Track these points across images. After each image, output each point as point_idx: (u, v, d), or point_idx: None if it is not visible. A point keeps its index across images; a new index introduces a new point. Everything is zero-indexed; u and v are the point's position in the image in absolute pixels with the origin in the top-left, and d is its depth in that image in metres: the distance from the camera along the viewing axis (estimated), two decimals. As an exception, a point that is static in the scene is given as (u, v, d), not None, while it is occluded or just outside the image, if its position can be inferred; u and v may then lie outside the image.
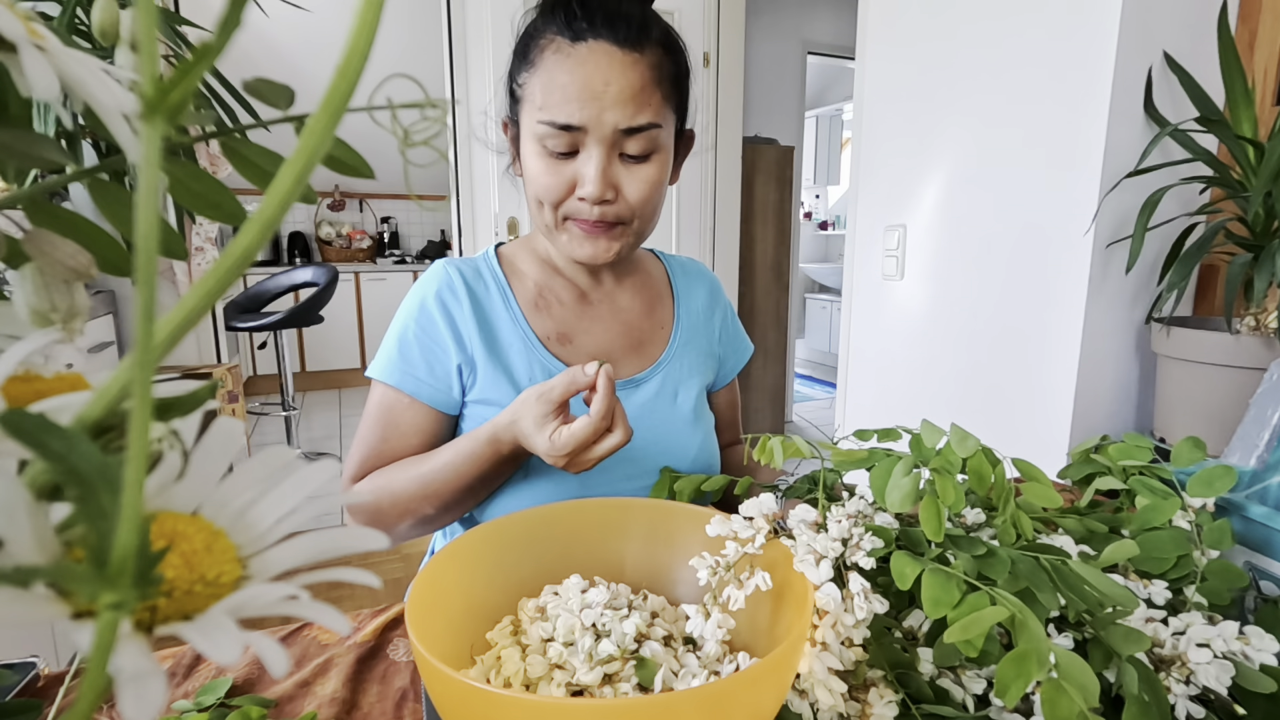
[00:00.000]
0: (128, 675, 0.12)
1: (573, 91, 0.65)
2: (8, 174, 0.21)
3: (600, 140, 0.66)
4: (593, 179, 0.67)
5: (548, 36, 0.67)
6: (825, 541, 0.43)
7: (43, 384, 0.19)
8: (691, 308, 0.88)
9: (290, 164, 0.13)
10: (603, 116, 0.65)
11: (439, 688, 0.35)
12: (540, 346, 0.76)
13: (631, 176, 0.69)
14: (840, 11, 3.60)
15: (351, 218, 4.87)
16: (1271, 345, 1.03)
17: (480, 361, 0.74)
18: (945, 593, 0.38)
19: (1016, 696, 0.33)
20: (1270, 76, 1.27)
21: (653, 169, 0.70)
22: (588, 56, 0.65)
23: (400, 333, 0.74)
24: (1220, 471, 0.52)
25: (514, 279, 0.79)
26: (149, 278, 0.13)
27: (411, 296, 0.77)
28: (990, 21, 1.34)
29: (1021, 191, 1.32)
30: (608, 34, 0.65)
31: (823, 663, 0.40)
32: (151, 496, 0.18)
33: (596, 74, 0.65)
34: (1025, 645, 0.34)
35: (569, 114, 0.65)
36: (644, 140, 0.68)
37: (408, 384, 0.73)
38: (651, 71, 0.67)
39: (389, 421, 0.73)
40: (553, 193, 0.69)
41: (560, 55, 0.66)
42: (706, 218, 2.71)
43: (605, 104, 0.65)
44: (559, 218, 0.71)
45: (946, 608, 0.37)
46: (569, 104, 0.65)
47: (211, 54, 0.14)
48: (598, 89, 0.65)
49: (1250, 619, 0.51)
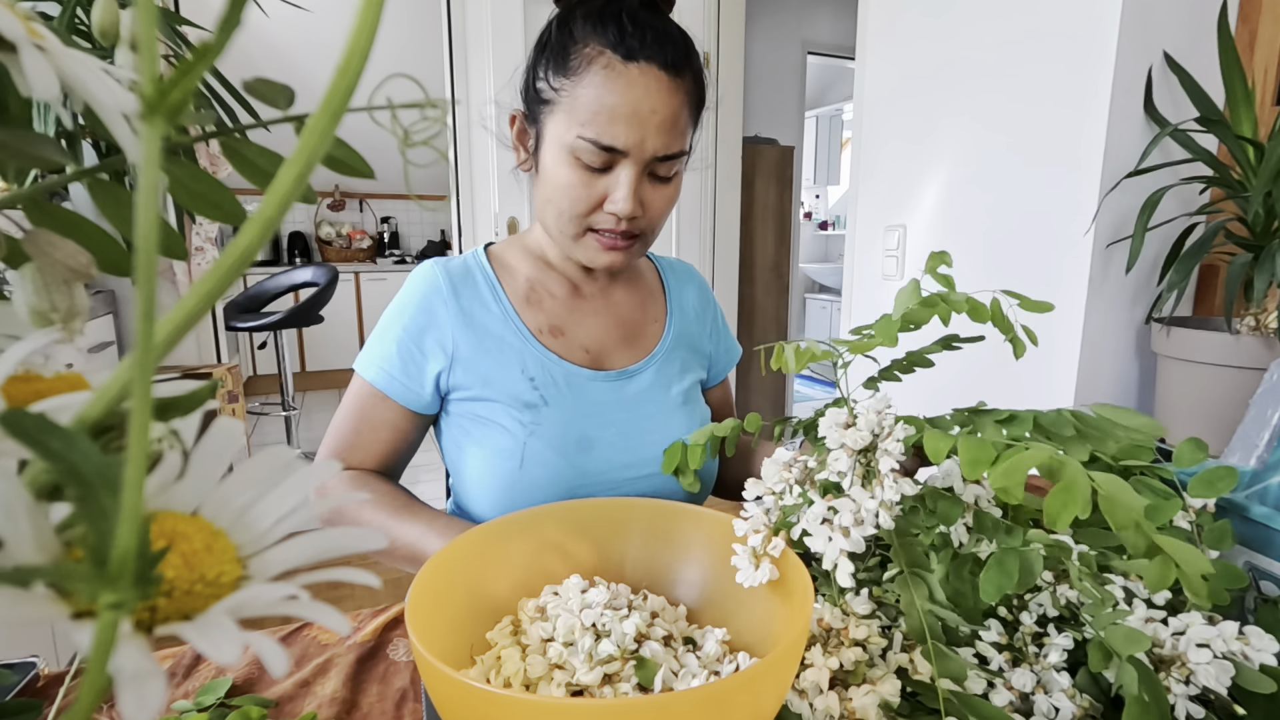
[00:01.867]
0: (128, 675, 0.12)
1: (621, 114, 0.65)
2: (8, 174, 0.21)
3: (637, 162, 0.67)
4: (626, 198, 0.67)
5: (595, 47, 0.66)
6: (855, 435, 0.44)
7: (43, 384, 0.19)
8: (683, 305, 0.89)
9: (290, 164, 0.13)
10: (645, 143, 0.66)
11: (439, 688, 0.35)
12: (533, 339, 0.77)
13: (655, 196, 0.71)
14: (840, 11, 3.60)
15: (351, 218, 4.87)
16: (1271, 345, 1.03)
17: (467, 358, 0.75)
18: (982, 452, 0.38)
19: (1066, 522, 0.34)
20: (1270, 76, 1.27)
21: (673, 189, 0.72)
22: (638, 79, 0.65)
23: (383, 331, 0.76)
24: (1222, 472, 0.52)
25: (504, 275, 0.80)
26: (149, 278, 0.13)
27: (399, 297, 0.78)
28: (990, 22, 1.34)
29: (1021, 191, 1.32)
30: (658, 56, 0.65)
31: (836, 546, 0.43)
32: (151, 496, 0.18)
33: (645, 99, 0.65)
34: (1067, 479, 0.35)
35: (614, 136, 0.65)
36: (672, 165, 0.70)
37: (382, 381, 0.74)
38: (687, 99, 0.69)
39: (362, 414, 0.75)
40: (581, 205, 0.69)
41: (610, 73, 0.65)
42: (706, 218, 2.71)
43: (649, 130, 0.66)
44: (581, 228, 0.72)
45: (985, 465, 0.38)
46: (615, 126, 0.65)
47: (211, 54, 0.14)
48: (644, 115, 0.65)
49: (1250, 619, 0.51)
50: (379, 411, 0.75)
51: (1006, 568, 0.40)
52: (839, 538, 0.43)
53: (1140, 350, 1.32)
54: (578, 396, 0.77)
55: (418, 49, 3.03)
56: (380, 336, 0.76)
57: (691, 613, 0.52)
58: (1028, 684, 0.42)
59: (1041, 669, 0.43)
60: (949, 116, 1.44)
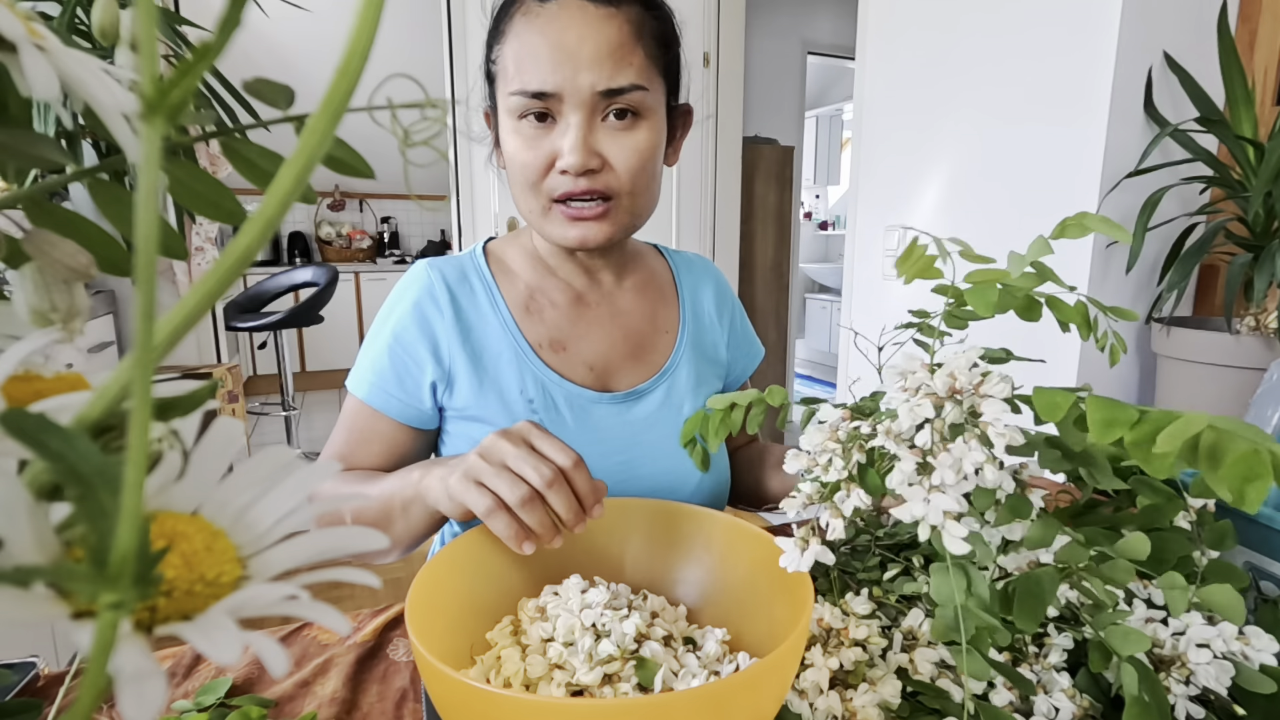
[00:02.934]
0: (128, 675, 0.12)
1: (544, 53, 0.60)
2: (8, 174, 0.21)
3: (579, 105, 0.61)
4: (572, 147, 0.61)
5: (518, 2, 0.63)
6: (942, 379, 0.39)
7: (43, 384, 0.19)
8: (698, 309, 0.82)
9: (290, 164, 0.13)
10: (578, 78, 0.60)
11: (439, 688, 0.35)
12: (532, 355, 0.71)
13: (617, 144, 0.63)
14: (840, 11, 3.60)
15: (351, 218, 4.86)
16: (1271, 345, 1.03)
17: (462, 374, 0.69)
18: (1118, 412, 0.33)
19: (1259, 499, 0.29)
20: (1270, 76, 1.27)
21: (641, 135, 0.63)
22: (557, 14, 0.60)
23: (373, 344, 0.71)
24: (1222, 472, 0.51)
25: (503, 280, 0.74)
26: (149, 278, 0.13)
27: (390, 304, 0.72)
28: (990, 23, 1.34)
29: (1021, 191, 1.32)
30: None
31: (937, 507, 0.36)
32: (151, 496, 0.18)
33: (569, 30, 0.59)
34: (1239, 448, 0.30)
35: (541, 79, 0.60)
36: (628, 103, 0.62)
37: (376, 398, 0.69)
38: (630, 27, 0.61)
39: (356, 431, 0.70)
40: (531, 170, 0.63)
41: (528, 17, 0.61)
42: (706, 218, 2.70)
43: (580, 64, 0.59)
44: (546, 200, 0.65)
45: (1124, 427, 0.33)
46: (540, 68, 0.60)
47: (211, 54, 0.14)
48: (571, 47, 0.59)
49: (1250, 619, 0.51)
50: (374, 429, 0.70)
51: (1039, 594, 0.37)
52: (938, 498, 0.37)
53: (1140, 350, 1.32)
54: (579, 421, 0.71)
55: (418, 49, 3.03)
56: (371, 348, 0.71)
57: (691, 613, 0.52)
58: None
59: (1041, 669, 0.43)
60: (949, 117, 1.44)
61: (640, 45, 0.62)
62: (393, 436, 0.71)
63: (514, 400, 0.70)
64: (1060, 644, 0.44)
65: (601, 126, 0.63)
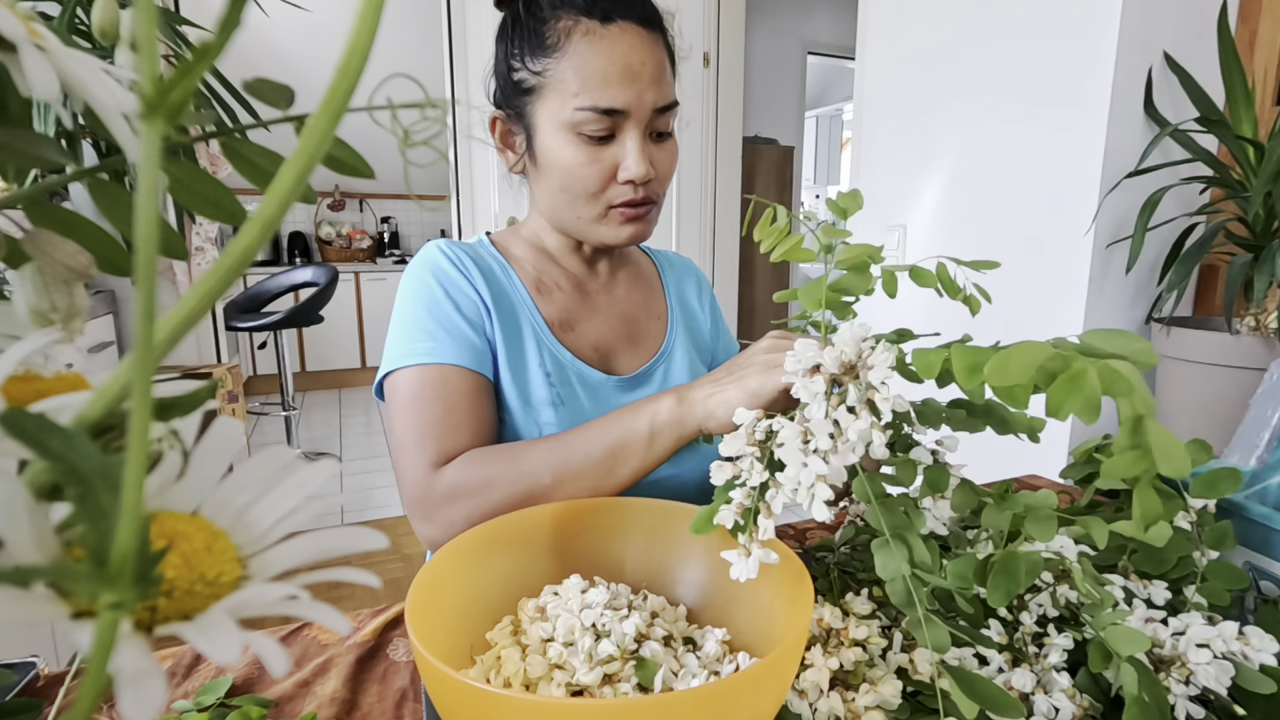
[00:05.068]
0: (128, 675, 0.12)
1: (614, 74, 0.64)
2: (8, 174, 0.21)
3: (639, 122, 0.66)
4: (638, 160, 0.66)
5: (569, 18, 0.65)
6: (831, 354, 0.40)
7: (43, 384, 0.19)
8: (684, 298, 0.88)
9: (290, 164, 0.13)
10: (644, 97, 0.65)
11: (439, 688, 0.35)
12: (548, 332, 0.73)
13: (661, 155, 0.70)
14: (840, 11, 3.60)
15: (351, 218, 4.86)
16: (1271, 345, 1.03)
17: (499, 340, 0.70)
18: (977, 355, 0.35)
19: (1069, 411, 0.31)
20: (1270, 76, 1.27)
21: (673, 144, 0.72)
22: (620, 37, 0.65)
23: (409, 316, 0.68)
24: (1225, 473, 0.51)
25: (513, 263, 0.76)
26: (149, 278, 0.13)
27: (413, 279, 0.71)
28: (991, 22, 1.34)
29: (1021, 191, 1.32)
30: (633, 12, 0.66)
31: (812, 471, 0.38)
32: (151, 496, 0.18)
33: (633, 54, 0.65)
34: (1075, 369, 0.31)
35: (613, 97, 0.64)
36: (670, 118, 0.69)
37: (448, 353, 0.66)
38: (664, 49, 0.69)
39: (439, 396, 0.65)
40: (593, 182, 0.67)
41: (593, 38, 0.65)
42: (706, 218, 2.70)
43: (644, 84, 0.65)
44: (602, 207, 0.69)
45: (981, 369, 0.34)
46: (611, 87, 0.64)
47: (211, 54, 0.14)
48: (636, 69, 0.65)
49: (1250, 619, 0.51)
50: (457, 385, 0.65)
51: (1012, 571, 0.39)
52: (815, 461, 0.38)
53: (1140, 350, 1.32)
54: (592, 400, 0.73)
55: (418, 49, 3.03)
56: (408, 321, 0.68)
57: (691, 613, 0.52)
58: (1028, 684, 0.42)
59: (1041, 669, 0.43)
60: (949, 117, 1.44)
61: (670, 64, 0.70)
62: (480, 388, 0.67)
63: (534, 373, 0.71)
64: (1060, 644, 0.44)
65: (649, 140, 0.69)
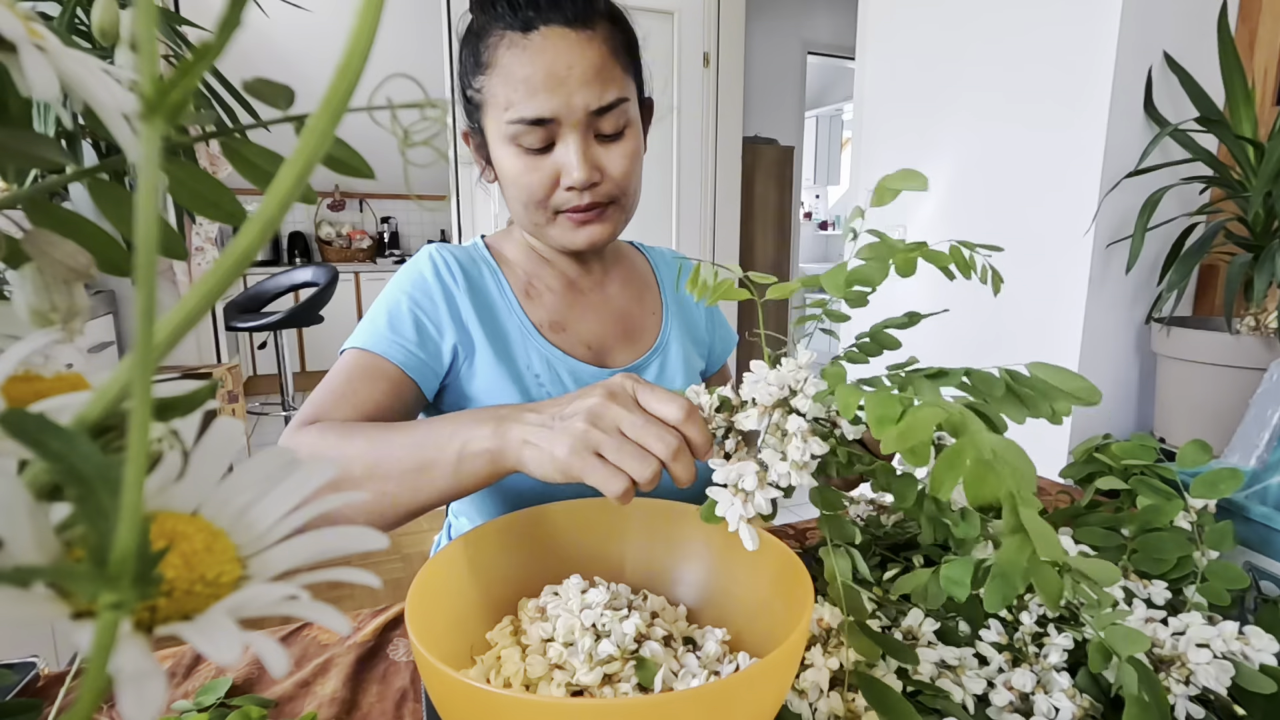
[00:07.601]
0: (128, 675, 0.12)
1: (537, 82, 0.64)
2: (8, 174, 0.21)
3: (574, 126, 0.65)
4: (576, 165, 0.65)
5: (496, 33, 0.66)
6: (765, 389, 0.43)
7: (43, 384, 0.19)
8: (679, 295, 0.88)
9: (290, 164, 0.13)
10: (572, 101, 0.64)
11: (439, 688, 0.35)
12: (536, 334, 0.75)
13: (610, 154, 0.68)
14: (840, 11, 3.60)
15: (351, 218, 4.86)
16: (1271, 345, 1.03)
17: (482, 346, 0.71)
18: (888, 408, 0.35)
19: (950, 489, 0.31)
20: (1270, 76, 1.27)
21: (629, 143, 0.69)
22: (542, 44, 0.64)
23: (384, 307, 0.69)
24: (1226, 474, 0.51)
25: (504, 267, 0.78)
26: (149, 278, 0.13)
27: (401, 278, 0.72)
28: (990, 22, 1.34)
29: (1021, 191, 1.32)
30: (557, 17, 0.64)
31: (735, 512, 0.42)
32: (151, 496, 0.18)
33: (557, 59, 0.63)
34: (963, 440, 0.31)
35: (538, 106, 0.64)
36: (615, 117, 0.67)
37: (391, 349, 0.66)
38: (606, 46, 0.66)
39: (354, 377, 0.65)
40: (537, 190, 0.68)
41: (514, 49, 0.64)
42: (706, 218, 2.71)
43: (572, 88, 0.64)
44: (549, 213, 0.70)
45: (891, 422, 0.34)
46: (536, 96, 0.64)
47: (211, 54, 0.14)
48: (561, 74, 0.64)
49: (1250, 619, 0.51)
50: (381, 368, 0.66)
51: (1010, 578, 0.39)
52: (738, 504, 0.42)
53: (1140, 350, 1.32)
54: None
55: (418, 49, 3.03)
56: (381, 311, 0.69)
57: (691, 613, 0.52)
58: (1028, 684, 0.42)
59: (1041, 669, 0.43)
60: (949, 117, 1.44)
61: (616, 60, 0.67)
62: (398, 383, 0.66)
63: (523, 375, 0.73)
64: (1060, 644, 0.44)
65: (595, 142, 0.68)
